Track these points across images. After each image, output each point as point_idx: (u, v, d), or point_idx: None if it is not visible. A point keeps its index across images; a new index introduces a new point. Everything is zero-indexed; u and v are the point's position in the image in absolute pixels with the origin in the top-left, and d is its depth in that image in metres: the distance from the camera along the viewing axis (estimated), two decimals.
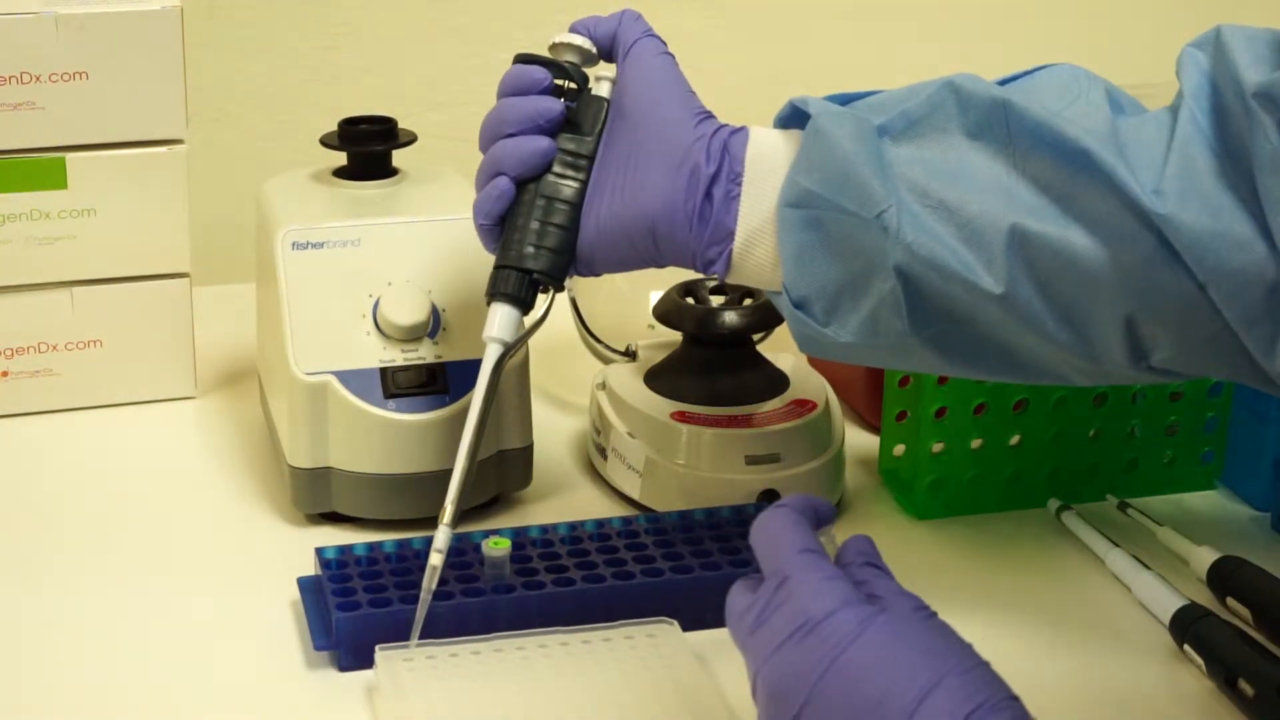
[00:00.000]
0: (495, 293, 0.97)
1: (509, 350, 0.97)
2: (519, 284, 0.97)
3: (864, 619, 0.73)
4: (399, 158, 1.18)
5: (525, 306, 0.97)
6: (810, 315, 0.92)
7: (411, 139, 1.17)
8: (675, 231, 0.93)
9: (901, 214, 0.87)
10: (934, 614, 0.75)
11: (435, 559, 0.92)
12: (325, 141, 1.16)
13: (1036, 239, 0.85)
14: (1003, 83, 0.90)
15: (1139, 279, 0.84)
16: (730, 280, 0.95)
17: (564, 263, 0.97)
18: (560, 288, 0.98)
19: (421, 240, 1.11)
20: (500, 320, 0.97)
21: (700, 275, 1.02)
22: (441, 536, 0.93)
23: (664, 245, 0.94)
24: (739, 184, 0.92)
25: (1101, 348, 0.87)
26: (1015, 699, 0.71)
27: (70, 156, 1.20)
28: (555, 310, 0.99)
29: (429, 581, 0.92)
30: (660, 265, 0.97)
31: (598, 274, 0.99)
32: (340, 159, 1.18)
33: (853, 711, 0.71)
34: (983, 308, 0.87)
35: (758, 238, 0.92)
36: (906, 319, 0.89)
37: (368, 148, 1.16)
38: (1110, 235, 0.84)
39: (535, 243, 0.96)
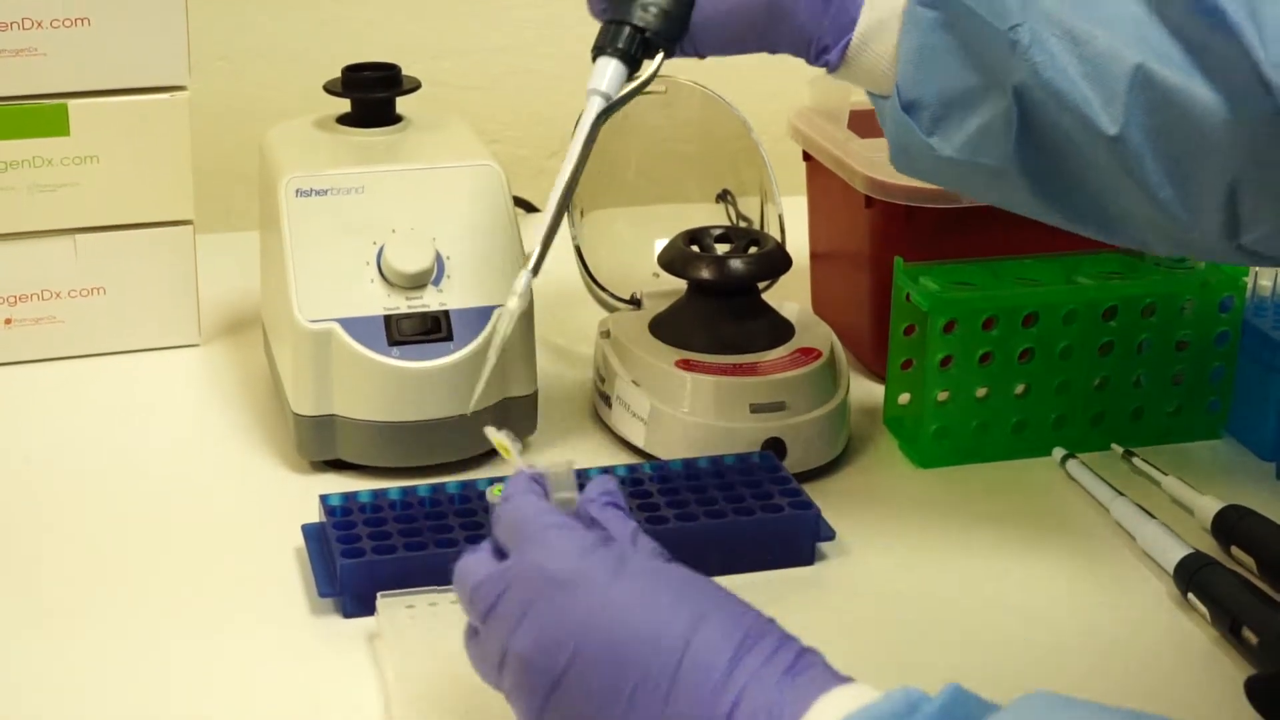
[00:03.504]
0: (603, 46, 0.94)
1: (610, 107, 0.94)
2: (630, 39, 0.93)
3: (613, 564, 0.73)
4: (403, 105, 1.18)
5: (632, 64, 0.94)
6: (916, 121, 0.91)
7: (415, 86, 1.17)
8: (797, 9, 0.92)
9: (1034, 33, 0.86)
10: (671, 558, 0.75)
11: (513, 303, 0.90)
12: (329, 88, 1.16)
13: (1159, 83, 0.84)
14: None
15: (1251, 144, 0.82)
16: (840, 76, 0.93)
17: (677, 28, 0.94)
18: (670, 52, 0.94)
19: (425, 187, 1.11)
20: (605, 73, 0.94)
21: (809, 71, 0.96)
22: (522, 280, 0.91)
23: (781, 25, 0.93)
24: None
25: (1199, 213, 0.85)
26: (772, 621, 0.72)
27: (72, 103, 1.20)
28: (559, 259, 0.98)
29: (505, 326, 0.90)
30: (772, 49, 0.95)
31: (703, 54, 0.96)
32: (344, 106, 1.17)
33: (620, 657, 0.70)
34: (1091, 148, 0.86)
35: (880, 32, 0.91)
36: (1015, 141, 0.88)
37: (371, 95, 1.16)
38: (1231, 94, 0.82)
39: (651, 0, 0.94)
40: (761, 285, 1.16)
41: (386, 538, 0.96)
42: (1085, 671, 0.92)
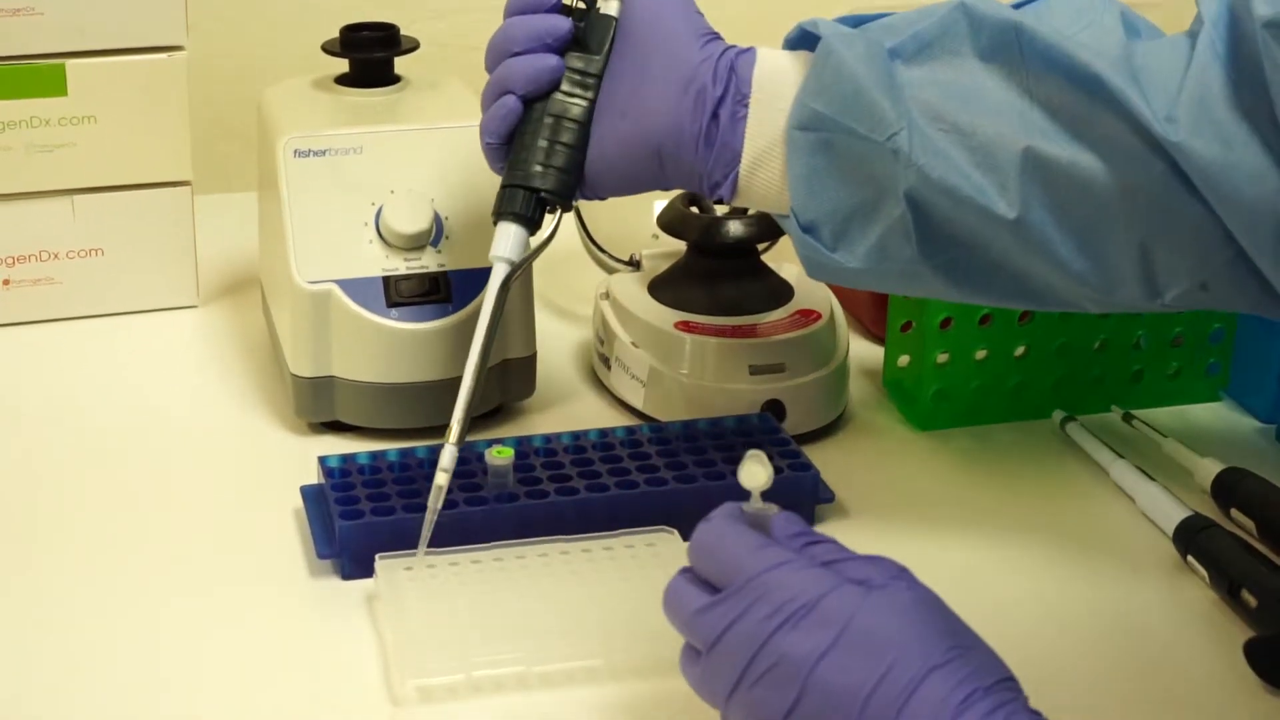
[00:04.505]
0: (502, 211, 0.96)
1: (515, 269, 0.96)
2: (526, 202, 0.95)
3: (858, 598, 0.72)
4: (401, 65, 1.17)
5: (533, 226, 0.96)
6: (818, 240, 0.91)
7: (414, 46, 1.16)
8: (681, 153, 0.92)
9: (913, 137, 0.86)
10: (915, 582, 0.74)
11: (441, 479, 0.92)
12: (327, 48, 1.15)
13: (1050, 162, 0.84)
14: (1017, 6, 0.89)
15: (1151, 204, 0.83)
16: (737, 203, 0.94)
17: (572, 182, 0.96)
18: (568, 207, 0.97)
19: (424, 148, 1.10)
20: (507, 239, 0.96)
21: None
22: (447, 456, 0.92)
23: (670, 167, 0.93)
24: (746, 105, 0.91)
25: (1116, 277, 0.86)
26: (1010, 679, 0.71)
27: (70, 63, 1.19)
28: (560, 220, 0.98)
29: (434, 501, 0.91)
30: (666, 187, 0.96)
31: (603, 197, 0.97)
32: (342, 66, 1.17)
33: (846, 697, 0.70)
34: (995, 234, 0.86)
35: (765, 160, 0.91)
36: (916, 245, 0.88)
37: (370, 55, 1.15)
38: (1121, 159, 0.83)
39: (543, 161, 0.95)
40: (761, 247, 1.16)
41: (385, 499, 0.96)
42: (1085, 634, 0.92)
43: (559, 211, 0.97)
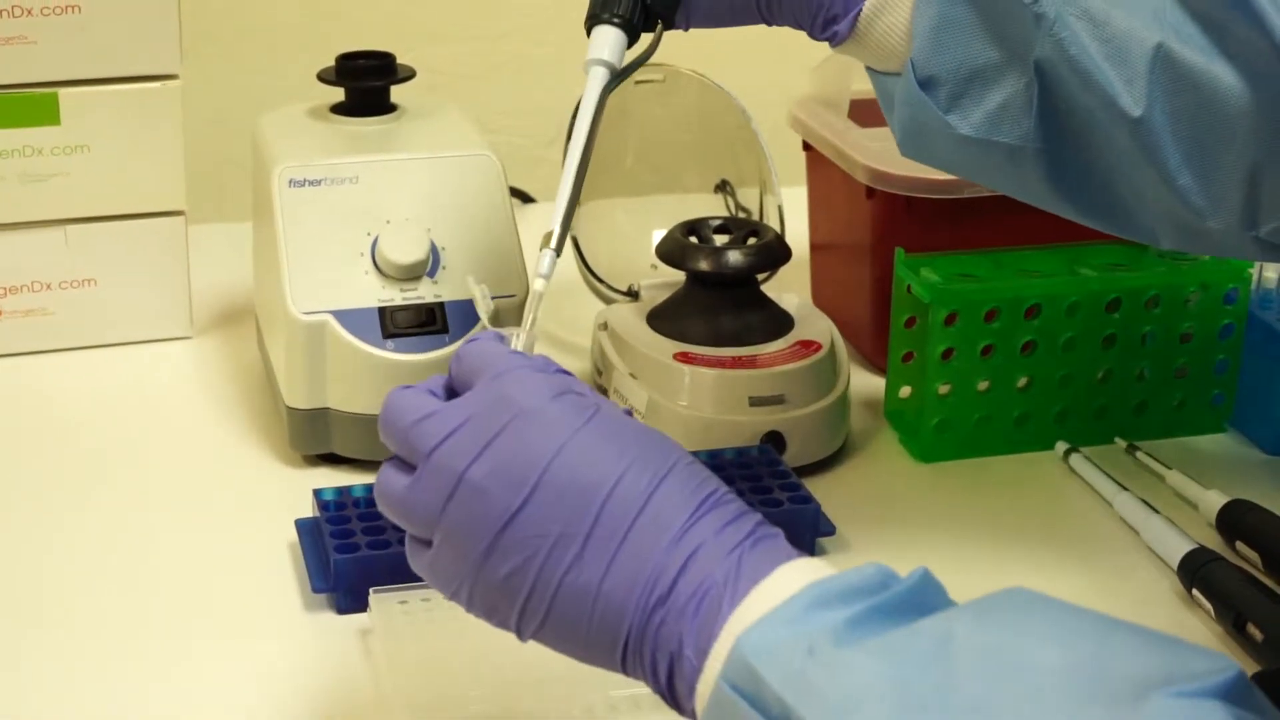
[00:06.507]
0: (600, 15, 0.89)
1: (614, 79, 0.89)
2: (629, 7, 0.88)
3: (587, 409, 0.72)
4: (397, 94, 1.17)
5: (632, 34, 0.90)
6: (933, 98, 0.88)
7: (410, 74, 1.16)
8: None
9: (1058, 9, 0.84)
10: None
11: (539, 284, 0.86)
12: (323, 77, 1.15)
13: (1180, 64, 0.82)
14: None
15: (1273, 129, 0.80)
16: (845, 51, 0.90)
17: None
18: (670, 22, 0.90)
19: (421, 177, 1.09)
20: (606, 42, 0.89)
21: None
22: (546, 261, 0.86)
23: None
24: None
25: (1217, 200, 0.83)
26: (735, 494, 0.72)
27: (63, 92, 1.19)
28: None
29: (533, 309, 0.85)
30: (771, 19, 0.91)
31: (694, 24, 0.92)
32: (338, 95, 1.16)
33: (582, 498, 0.69)
34: (1113, 129, 0.84)
35: (893, 2, 0.88)
36: (1035, 119, 0.86)
37: (366, 83, 1.15)
38: (1253, 76, 0.80)
39: None
40: (761, 277, 1.15)
41: (380, 532, 0.95)
42: None
43: (659, 28, 0.90)
